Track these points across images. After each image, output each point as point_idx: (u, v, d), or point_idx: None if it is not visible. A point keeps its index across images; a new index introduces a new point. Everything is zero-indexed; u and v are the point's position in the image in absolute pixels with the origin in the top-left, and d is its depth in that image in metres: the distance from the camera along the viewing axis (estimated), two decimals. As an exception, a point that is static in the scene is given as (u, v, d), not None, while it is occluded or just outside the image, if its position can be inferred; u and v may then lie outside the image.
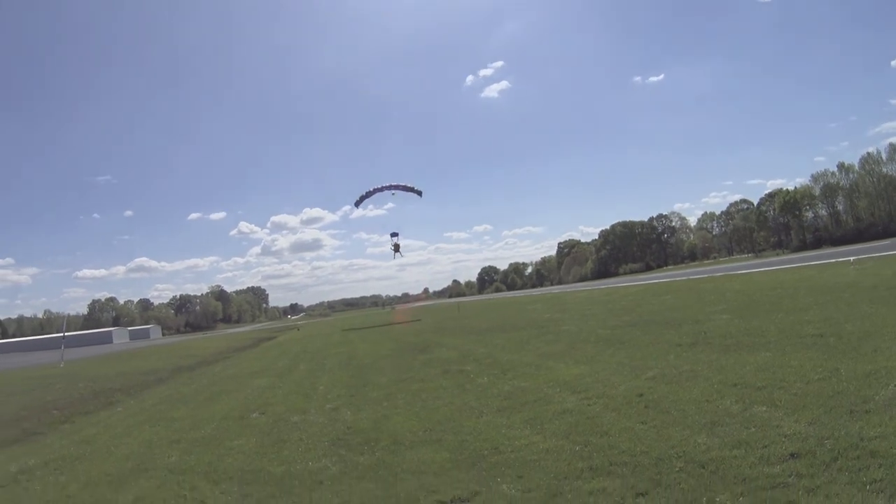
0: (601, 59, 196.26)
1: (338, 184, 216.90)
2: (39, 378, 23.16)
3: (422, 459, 5.77)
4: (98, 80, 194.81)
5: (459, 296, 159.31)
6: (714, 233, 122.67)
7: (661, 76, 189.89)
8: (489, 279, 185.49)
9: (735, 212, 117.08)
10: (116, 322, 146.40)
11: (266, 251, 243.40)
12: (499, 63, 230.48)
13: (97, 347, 71.59)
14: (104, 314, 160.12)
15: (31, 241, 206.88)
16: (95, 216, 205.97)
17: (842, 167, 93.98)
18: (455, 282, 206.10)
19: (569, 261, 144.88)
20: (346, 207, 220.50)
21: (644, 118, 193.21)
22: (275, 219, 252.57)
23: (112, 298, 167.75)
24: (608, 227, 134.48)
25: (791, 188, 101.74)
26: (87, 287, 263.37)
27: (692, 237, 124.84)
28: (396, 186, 38.20)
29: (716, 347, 9.37)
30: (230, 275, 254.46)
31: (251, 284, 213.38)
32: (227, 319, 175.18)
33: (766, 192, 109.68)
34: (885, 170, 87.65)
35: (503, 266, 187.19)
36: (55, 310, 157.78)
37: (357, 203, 40.09)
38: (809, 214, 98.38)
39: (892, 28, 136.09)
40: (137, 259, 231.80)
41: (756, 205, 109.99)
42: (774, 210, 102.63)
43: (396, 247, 42.05)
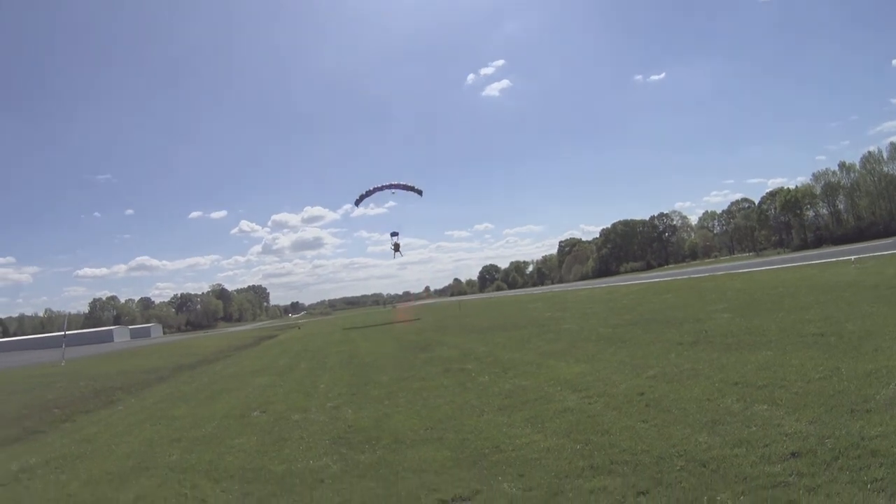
0: (602, 58, 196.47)
1: (338, 182, 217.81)
2: (40, 377, 23.16)
3: (423, 458, 5.77)
4: (98, 80, 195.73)
5: (460, 294, 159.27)
6: (715, 231, 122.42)
7: (662, 75, 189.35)
8: (490, 278, 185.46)
9: (736, 210, 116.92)
10: (117, 321, 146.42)
11: (267, 250, 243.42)
12: (500, 62, 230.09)
13: (98, 346, 71.67)
14: (105, 313, 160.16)
15: (32, 240, 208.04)
16: (96, 215, 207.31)
17: (843, 166, 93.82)
18: (456, 280, 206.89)
19: (570, 259, 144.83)
20: (347, 206, 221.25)
21: (645, 117, 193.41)
22: (276, 217, 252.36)
23: (113, 297, 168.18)
24: (609, 226, 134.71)
25: (792, 187, 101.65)
26: (88, 286, 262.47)
27: (693, 236, 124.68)
28: (397, 186, 38.18)
29: (717, 346, 9.36)
30: (231, 273, 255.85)
31: (252, 283, 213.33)
32: (228, 318, 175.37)
33: (768, 191, 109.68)
34: (886, 169, 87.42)
35: (504, 265, 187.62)
36: (56, 308, 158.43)
37: (357, 202, 40.18)
38: (810, 213, 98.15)
39: (892, 28, 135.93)
40: (138, 258, 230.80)
41: (757, 204, 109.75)
42: (775, 209, 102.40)
43: (396, 246, 42.13)
